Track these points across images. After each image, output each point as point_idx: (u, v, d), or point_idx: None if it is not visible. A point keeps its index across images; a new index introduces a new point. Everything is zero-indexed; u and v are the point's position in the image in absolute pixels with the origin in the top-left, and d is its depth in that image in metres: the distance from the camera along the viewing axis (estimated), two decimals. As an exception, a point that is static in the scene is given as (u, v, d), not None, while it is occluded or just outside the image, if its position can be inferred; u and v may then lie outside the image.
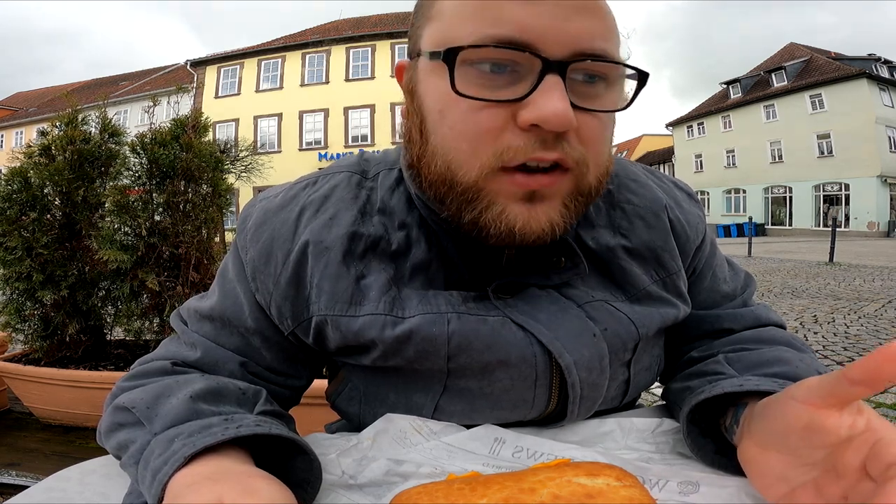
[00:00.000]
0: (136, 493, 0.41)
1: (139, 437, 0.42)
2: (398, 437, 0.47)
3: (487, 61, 0.40)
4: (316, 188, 0.53)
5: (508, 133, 0.40)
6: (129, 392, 0.47)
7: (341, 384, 0.58)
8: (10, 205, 2.29)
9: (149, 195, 2.37)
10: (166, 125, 2.50)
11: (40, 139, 2.49)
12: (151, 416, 0.43)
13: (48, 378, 2.23)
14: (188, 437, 0.39)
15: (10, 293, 2.38)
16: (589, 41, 0.40)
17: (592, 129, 0.42)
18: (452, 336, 0.47)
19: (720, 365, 0.52)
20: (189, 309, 0.56)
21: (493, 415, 0.52)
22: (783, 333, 0.58)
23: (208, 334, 0.53)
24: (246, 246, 0.52)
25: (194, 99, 21.24)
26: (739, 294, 0.63)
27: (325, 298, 0.48)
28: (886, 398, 2.71)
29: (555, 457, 0.46)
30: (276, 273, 0.50)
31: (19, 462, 2.04)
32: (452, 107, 0.41)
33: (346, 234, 0.49)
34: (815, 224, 24.50)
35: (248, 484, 0.35)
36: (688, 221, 0.58)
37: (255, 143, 3.53)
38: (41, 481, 0.45)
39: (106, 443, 0.47)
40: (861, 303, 5.48)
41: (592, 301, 0.51)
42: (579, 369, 0.49)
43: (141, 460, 0.40)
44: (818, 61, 25.15)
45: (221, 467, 0.37)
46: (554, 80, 0.38)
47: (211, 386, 0.46)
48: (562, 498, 0.33)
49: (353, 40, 21.51)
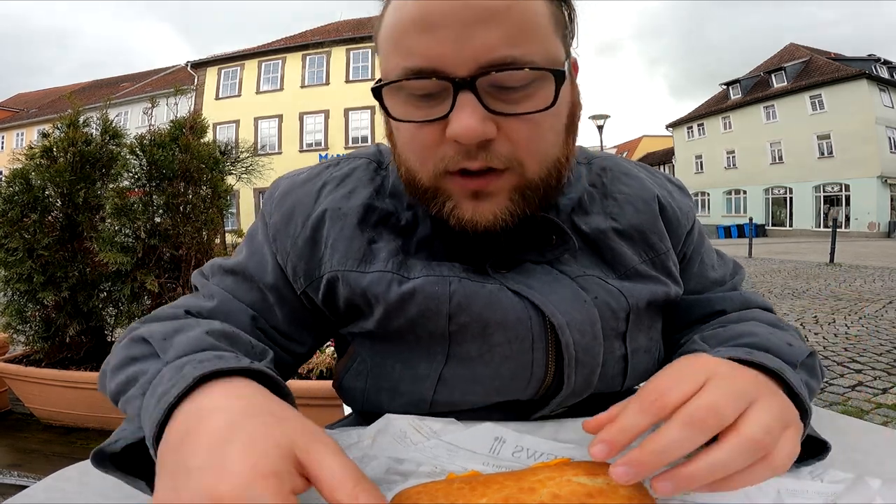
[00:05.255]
0: (133, 428, 0.39)
1: (151, 367, 0.42)
2: (398, 436, 0.47)
3: (409, 90, 0.45)
4: (338, 168, 0.59)
5: (444, 145, 0.46)
6: (145, 325, 0.49)
7: (350, 360, 0.60)
8: (11, 206, 2.30)
9: (148, 197, 2.38)
10: (165, 127, 2.51)
11: (42, 141, 2.50)
12: (167, 347, 0.43)
13: (49, 379, 2.23)
14: (199, 363, 0.38)
15: (11, 294, 2.39)
16: (490, 53, 0.42)
17: (520, 130, 0.45)
18: (453, 295, 0.51)
19: (695, 343, 0.55)
20: (214, 265, 0.60)
21: (494, 386, 0.54)
22: (764, 314, 0.60)
23: (227, 287, 0.57)
24: (271, 212, 0.58)
25: (194, 100, 21.28)
26: (729, 280, 0.67)
27: (338, 256, 0.53)
28: (887, 399, 2.71)
29: (554, 456, 0.46)
30: (294, 234, 0.55)
31: (20, 463, 2.05)
32: (400, 128, 0.48)
33: (362, 204, 0.55)
34: (815, 225, 24.49)
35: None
36: (679, 208, 0.63)
37: (255, 145, 3.54)
38: (41, 481, 0.45)
39: (112, 380, 0.46)
40: (861, 303, 5.47)
41: (584, 275, 0.55)
42: (572, 331, 0.52)
43: (149, 389, 0.39)
44: (818, 62, 25.15)
45: (244, 392, 0.36)
46: (466, 98, 0.43)
47: (226, 330, 0.48)
48: (561, 497, 0.33)
49: (354, 42, 21.53)
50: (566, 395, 0.55)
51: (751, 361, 0.43)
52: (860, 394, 2.80)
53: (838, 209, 23.35)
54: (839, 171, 23.19)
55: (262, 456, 0.29)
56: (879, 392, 2.81)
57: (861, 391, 2.84)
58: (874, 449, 0.48)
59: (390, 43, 0.46)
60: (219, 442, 0.31)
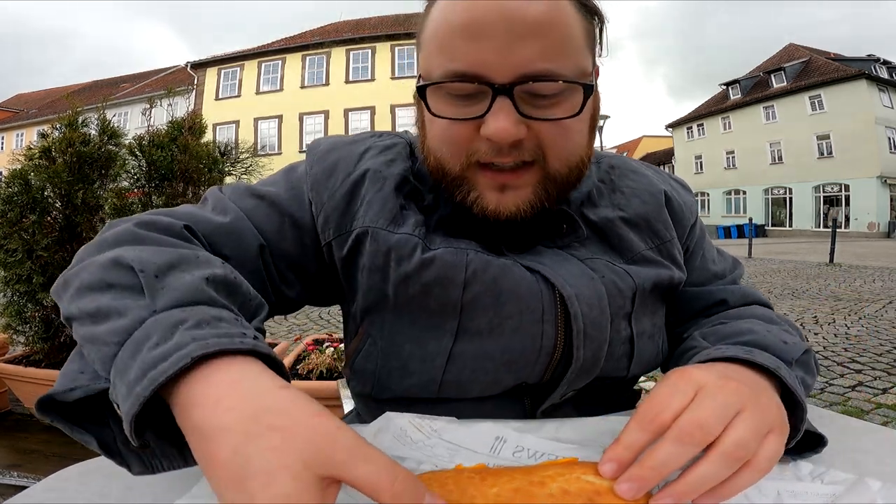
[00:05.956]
0: (90, 374, 0.36)
1: (132, 309, 0.37)
2: (398, 434, 0.47)
3: (447, 89, 0.50)
4: (381, 139, 0.63)
5: (476, 140, 0.50)
6: (134, 248, 0.43)
7: (361, 342, 0.60)
8: (10, 207, 2.30)
9: (148, 197, 2.38)
10: (164, 127, 2.51)
11: (40, 141, 2.49)
12: (158, 287, 0.38)
13: (49, 380, 2.23)
14: (196, 329, 0.35)
15: (10, 295, 2.39)
16: (530, 65, 0.47)
17: (549, 132, 0.50)
18: (470, 264, 0.54)
19: (695, 340, 0.58)
20: (239, 185, 0.60)
21: (504, 361, 0.55)
22: (762, 310, 0.63)
23: (247, 207, 0.57)
24: (313, 163, 0.60)
25: (194, 101, 21.28)
26: (729, 274, 0.70)
27: (371, 213, 0.56)
28: (887, 399, 2.71)
29: (556, 456, 0.46)
30: (333, 187, 0.57)
31: (20, 463, 2.05)
32: (435, 120, 0.52)
33: (400, 174, 0.58)
34: (815, 225, 24.50)
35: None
36: (684, 202, 0.67)
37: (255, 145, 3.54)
38: (41, 481, 0.45)
39: (76, 298, 0.40)
40: (861, 304, 5.48)
41: (593, 258, 0.58)
42: (581, 303, 0.54)
43: (128, 341, 0.35)
44: (817, 62, 25.17)
45: (245, 386, 0.33)
46: (503, 102, 0.47)
47: (227, 276, 0.44)
48: (571, 493, 0.34)
49: (354, 42, 21.55)
50: (575, 372, 0.56)
51: (749, 361, 0.46)
52: (860, 394, 2.80)
53: (838, 209, 23.36)
54: (839, 171, 23.20)
55: (287, 496, 0.28)
56: (879, 392, 2.81)
57: (861, 391, 2.84)
58: (874, 449, 0.49)
59: (435, 43, 0.50)
60: (236, 479, 0.29)
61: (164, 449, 0.38)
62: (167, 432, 0.37)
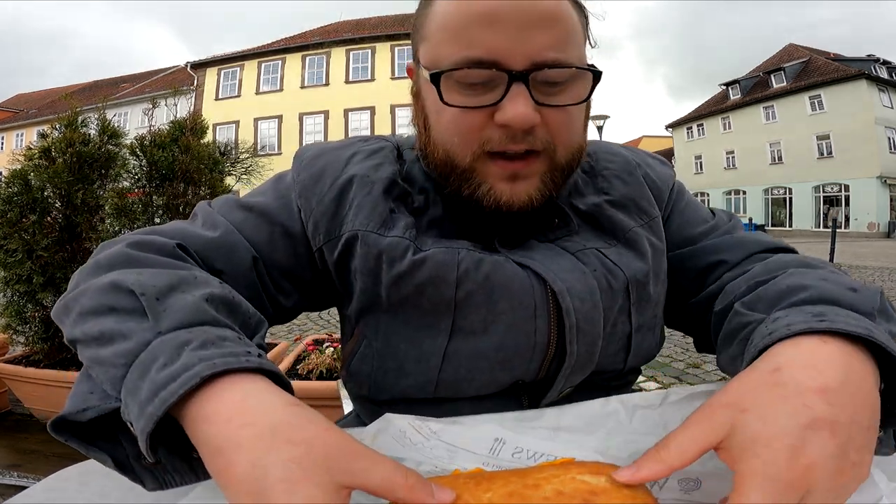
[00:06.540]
0: (100, 395, 0.38)
1: (137, 332, 0.38)
2: (398, 436, 0.47)
3: (458, 77, 0.50)
4: (367, 143, 0.63)
5: (488, 129, 0.51)
6: (131, 271, 0.43)
7: (356, 344, 0.60)
8: (10, 207, 2.29)
9: (148, 197, 2.38)
10: (165, 127, 2.51)
11: (40, 141, 2.49)
12: (159, 310, 0.39)
13: (49, 380, 2.23)
14: (201, 349, 0.36)
15: (10, 295, 2.38)
16: (545, 53, 0.49)
17: (558, 120, 0.51)
18: (461, 262, 0.54)
19: (742, 316, 0.50)
20: (227, 199, 0.61)
21: (499, 359, 0.55)
22: (790, 256, 0.57)
23: (236, 220, 0.57)
24: (300, 170, 0.60)
25: (194, 101, 21.28)
26: (723, 225, 0.67)
27: (361, 217, 0.56)
28: (887, 399, 2.70)
29: (555, 457, 0.46)
30: (321, 193, 0.57)
31: (20, 463, 2.05)
32: (445, 110, 0.51)
33: (388, 177, 0.58)
34: (815, 225, 24.51)
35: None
36: (658, 177, 0.67)
37: (255, 146, 3.54)
38: (41, 481, 0.45)
39: (78, 322, 0.41)
40: (861, 303, 5.46)
41: (584, 249, 0.58)
42: (573, 297, 0.54)
43: (136, 363, 0.36)
44: (817, 62, 25.17)
45: (252, 404, 0.34)
46: (519, 89, 0.48)
47: (227, 296, 0.45)
48: (565, 495, 0.34)
49: (354, 42, 21.55)
50: (570, 368, 0.56)
51: (830, 331, 0.38)
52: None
53: (838, 209, 23.35)
54: (839, 171, 23.21)
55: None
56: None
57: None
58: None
59: (447, 33, 0.50)
60: (255, 490, 0.30)
61: (175, 464, 0.39)
62: (177, 447, 0.38)
